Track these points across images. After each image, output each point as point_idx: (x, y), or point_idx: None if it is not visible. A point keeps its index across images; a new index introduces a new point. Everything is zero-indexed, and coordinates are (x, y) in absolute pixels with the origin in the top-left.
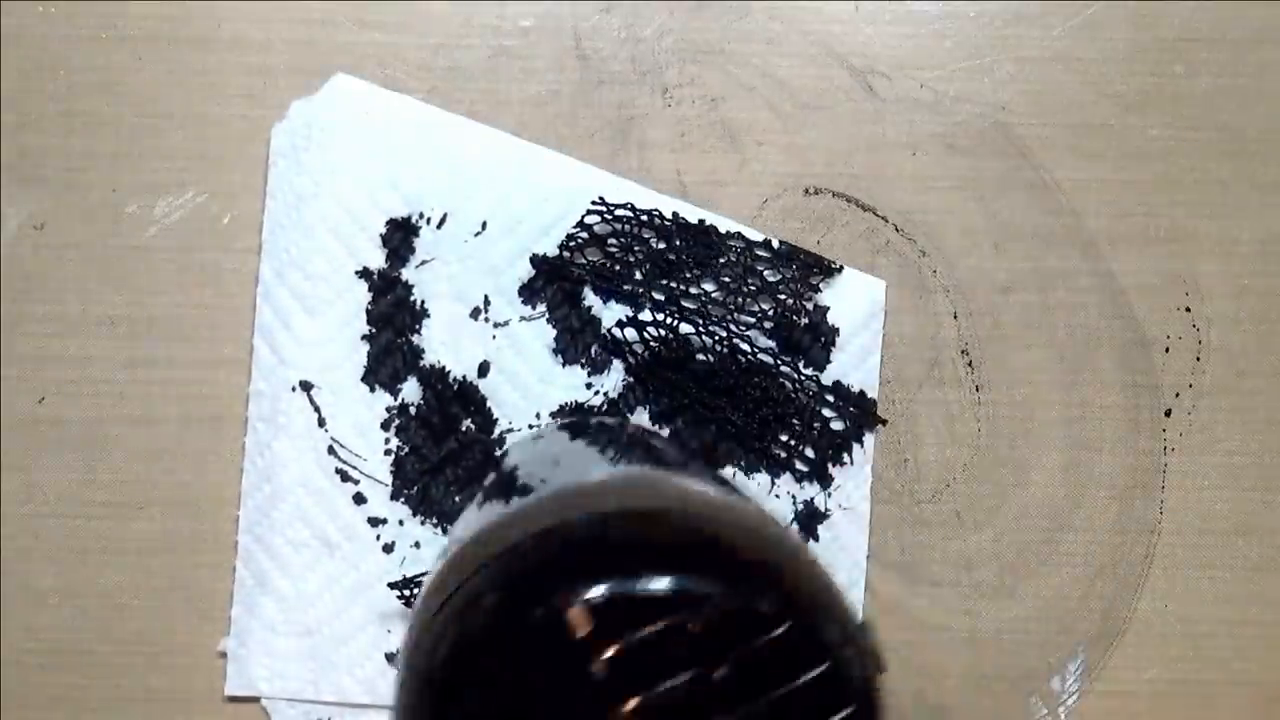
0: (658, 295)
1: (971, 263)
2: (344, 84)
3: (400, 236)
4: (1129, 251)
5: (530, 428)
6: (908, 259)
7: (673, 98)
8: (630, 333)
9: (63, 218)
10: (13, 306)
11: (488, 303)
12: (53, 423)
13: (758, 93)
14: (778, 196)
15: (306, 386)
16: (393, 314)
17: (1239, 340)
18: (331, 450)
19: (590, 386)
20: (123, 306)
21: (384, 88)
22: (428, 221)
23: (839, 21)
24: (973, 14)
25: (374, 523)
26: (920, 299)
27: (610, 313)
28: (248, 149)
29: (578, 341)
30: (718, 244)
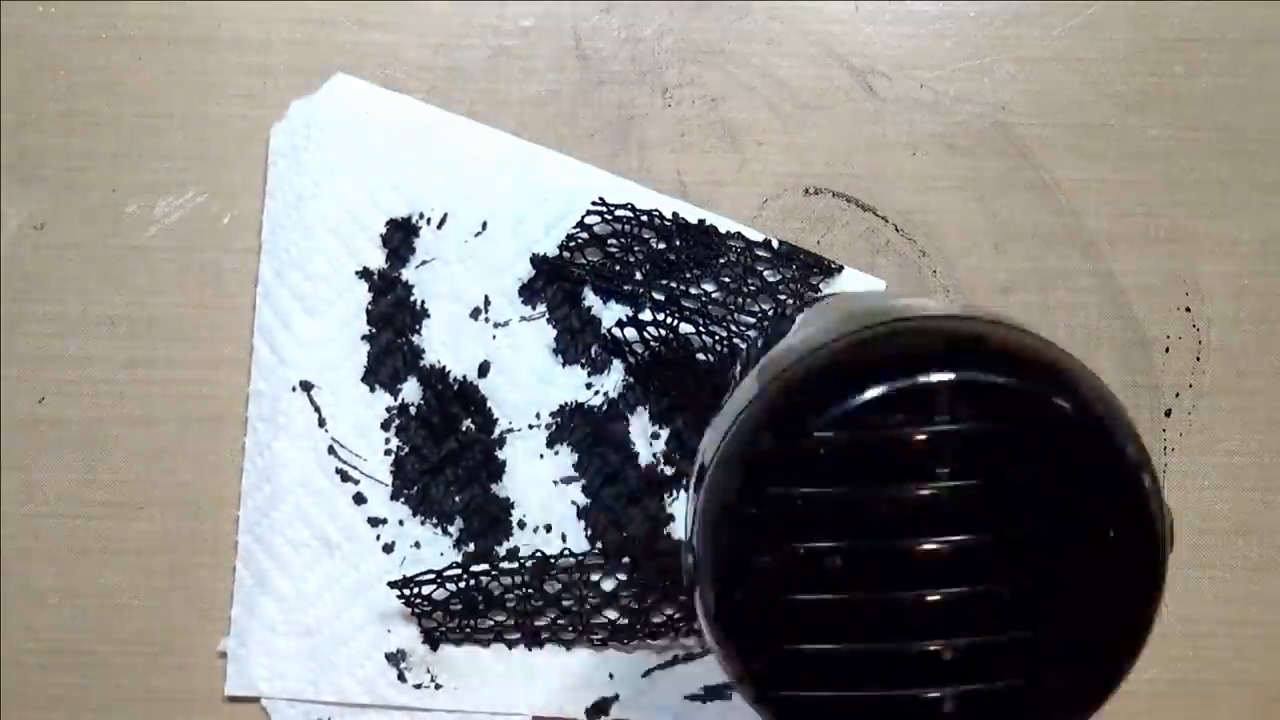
0: (658, 295)
1: (971, 263)
2: (344, 84)
3: (400, 236)
4: (1129, 251)
5: (530, 428)
6: (908, 259)
7: (673, 98)
8: (630, 333)
9: (63, 218)
10: (13, 306)
11: (488, 303)
12: (53, 423)
13: (758, 93)
14: (778, 196)
15: (306, 386)
16: (393, 314)
17: (1239, 340)
18: (331, 450)
19: (590, 386)
20: (123, 306)
21: (384, 88)
22: (428, 221)
23: (839, 21)
24: (973, 14)
25: (374, 523)
26: None
27: (610, 313)
28: (248, 149)
29: (578, 341)
30: (718, 244)
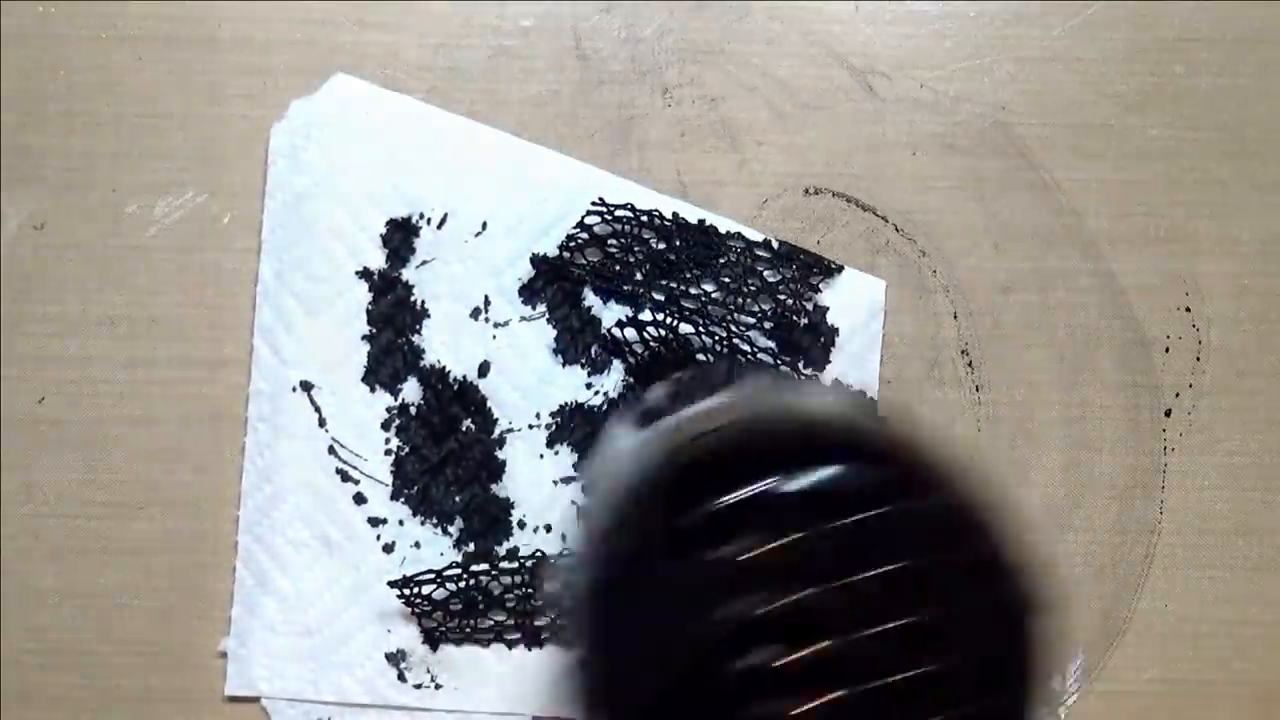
0: (658, 295)
1: (971, 263)
2: (344, 84)
3: (400, 236)
4: (1129, 251)
5: (530, 428)
6: (908, 259)
7: (673, 98)
8: (630, 333)
9: (63, 218)
10: (13, 306)
11: (488, 303)
12: (53, 423)
13: (758, 93)
14: (778, 196)
15: (307, 386)
16: (393, 314)
17: (1239, 340)
18: (332, 450)
19: (590, 386)
20: (123, 306)
21: (384, 88)
22: (428, 221)
23: (839, 21)
24: (973, 14)
25: (374, 523)
26: (920, 299)
27: (610, 313)
28: (248, 149)
29: (578, 341)
30: (718, 244)
